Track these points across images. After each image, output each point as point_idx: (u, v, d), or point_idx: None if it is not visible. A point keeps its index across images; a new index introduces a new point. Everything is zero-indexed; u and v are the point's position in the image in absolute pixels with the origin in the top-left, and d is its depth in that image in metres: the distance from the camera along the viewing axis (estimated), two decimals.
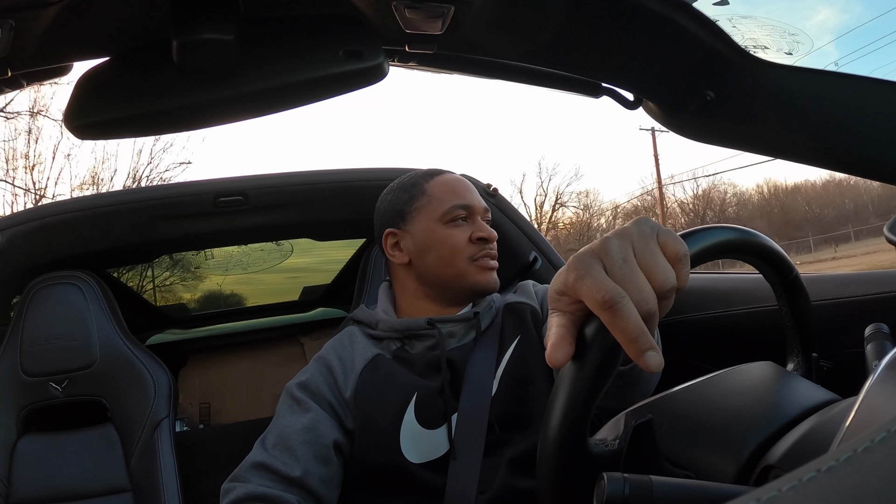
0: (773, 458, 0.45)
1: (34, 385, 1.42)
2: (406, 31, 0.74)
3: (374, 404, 0.97)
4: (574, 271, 0.44)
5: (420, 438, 0.96)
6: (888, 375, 0.37)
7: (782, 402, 0.51)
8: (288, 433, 0.95)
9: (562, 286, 0.46)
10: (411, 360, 1.02)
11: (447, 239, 1.06)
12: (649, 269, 0.44)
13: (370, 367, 1.01)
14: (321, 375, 1.02)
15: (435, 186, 1.10)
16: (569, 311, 0.46)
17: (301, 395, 1.00)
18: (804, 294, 0.62)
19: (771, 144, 0.90)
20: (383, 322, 1.07)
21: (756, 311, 1.22)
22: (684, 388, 0.56)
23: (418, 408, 0.97)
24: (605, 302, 0.42)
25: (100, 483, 1.40)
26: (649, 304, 0.43)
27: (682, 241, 0.47)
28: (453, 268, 1.06)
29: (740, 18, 0.79)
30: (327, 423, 0.97)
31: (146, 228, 1.51)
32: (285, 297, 2.52)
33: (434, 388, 0.98)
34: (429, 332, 1.04)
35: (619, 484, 0.42)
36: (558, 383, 0.46)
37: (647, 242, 0.45)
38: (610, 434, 0.52)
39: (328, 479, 0.95)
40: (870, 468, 0.16)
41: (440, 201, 1.08)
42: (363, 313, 1.13)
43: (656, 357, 0.42)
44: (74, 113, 0.70)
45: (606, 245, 0.45)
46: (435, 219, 1.07)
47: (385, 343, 1.06)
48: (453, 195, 1.09)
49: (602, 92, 0.94)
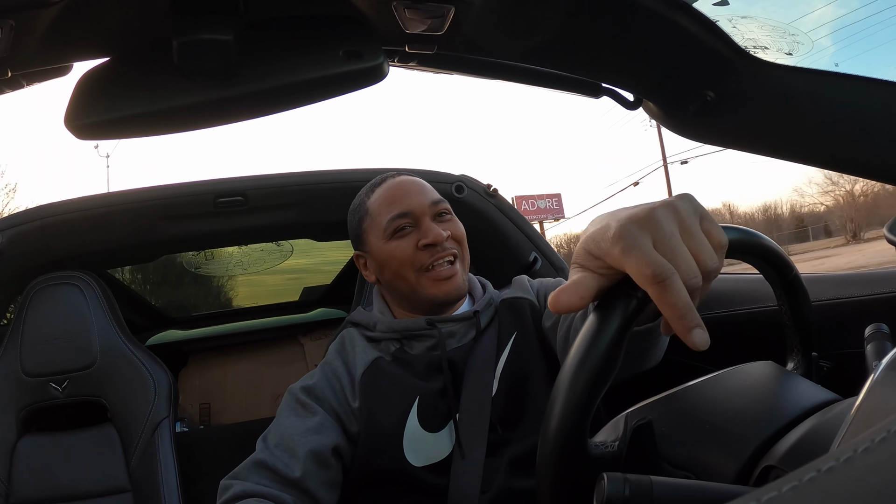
0: (773, 459, 0.45)
1: (34, 385, 1.42)
2: (406, 31, 0.74)
3: (377, 411, 0.96)
4: (620, 241, 0.43)
5: (422, 442, 0.95)
6: (888, 376, 0.37)
7: (782, 403, 0.51)
8: (290, 434, 0.94)
9: (600, 252, 0.45)
10: (411, 362, 1.01)
11: (392, 254, 1.03)
12: (696, 248, 0.44)
13: (371, 371, 1.00)
14: (327, 381, 1.01)
15: (373, 203, 1.07)
16: (598, 272, 0.45)
17: (305, 399, 0.99)
18: (804, 294, 0.62)
19: (771, 144, 0.90)
20: (381, 322, 1.06)
21: (756, 312, 1.22)
22: (684, 388, 0.56)
23: (421, 411, 0.96)
24: (655, 276, 0.41)
25: (100, 483, 1.40)
26: (696, 280, 0.43)
27: (724, 231, 0.47)
28: (406, 281, 1.03)
29: (740, 18, 0.79)
30: (331, 428, 0.96)
31: (146, 229, 1.51)
32: (284, 298, 2.52)
33: (435, 390, 0.97)
34: (428, 332, 1.03)
35: (619, 484, 0.42)
36: (567, 363, 0.46)
37: (694, 222, 0.45)
38: (609, 436, 0.52)
39: (327, 482, 0.94)
40: (870, 468, 0.16)
41: (379, 217, 1.05)
42: (360, 315, 1.12)
43: (703, 334, 0.41)
44: (75, 113, 0.70)
45: (655, 217, 0.44)
46: (379, 237, 1.05)
47: (384, 345, 1.05)
48: (388, 207, 1.05)
49: (602, 92, 0.94)
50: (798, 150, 0.87)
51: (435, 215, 1.05)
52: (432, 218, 1.04)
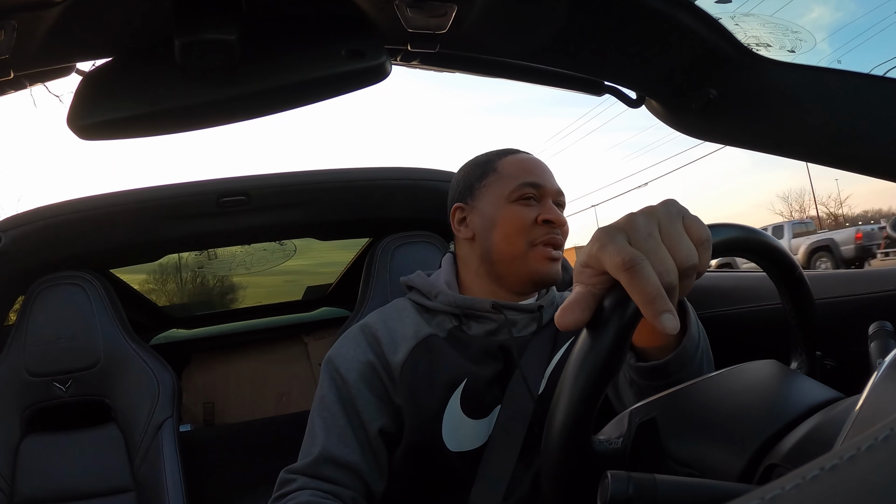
0: (776, 457, 0.45)
1: (38, 385, 1.43)
2: (408, 30, 0.74)
3: (421, 383, 0.95)
4: (598, 241, 0.46)
5: (461, 426, 0.94)
6: (892, 374, 0.37)
7: (786, 401, 0.51)
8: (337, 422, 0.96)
9: (585, 257, 0.47)
10: (467, 342, 1.00)
11: (512, 216, 1.02)
12: (673, 244, 0.45)
13: (423, 346, 0.99)
14: (369, 346, 1.00)
15: (507, 164, 1.07)
16: (591, 283, 0.47)
17: (346, 377, 0.99)
18: (808, 293, 0.62)
19: (774, 142, 0.90)
20: (444, 295, 1.04)
21: (759, 310, 1.22)
22: (687, 385, 0.56)
23: (465, 395, 0.95)
24: (624, 263, 0.43)
25: (103, 483, 1.40)
26: (671, 277, 0.44)
27: (706, 227, 0.48)
28: (514, 247, 1.01)
29: (742, 16, 0.78)
30: (373, 407, 0.97)
31: (149, 228, 1.52)
32: (286, 298, 2.52)
33: (484, 377, 0.96)
34: (491, 315, 1.01)
35: (623, 483, 0.42)
36: (571, 359, 0.46)
37: (673, 221, 0.47)
38: (614, 432, 0.52)
39: (379, 470, 0.96)
40: (873, 466, 0.16)
41: (510, 178, 1.05)
42: (420, 280, 1.09)
43: (672, 319, 0.42)
44: (77, 113, 0.70)
45: (632, 220, 0.46)
46: (503, 196, 1.04)
47: (440, 319, 1.03)
48: (524, 173, 1.05)
49: (605, 90, 0.93)
50: (801, 147, 0.87)
51: (556, 202, 1.06)
52: (554, 202, 1.05)
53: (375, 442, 0.96)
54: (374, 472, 0.96)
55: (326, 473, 0.93)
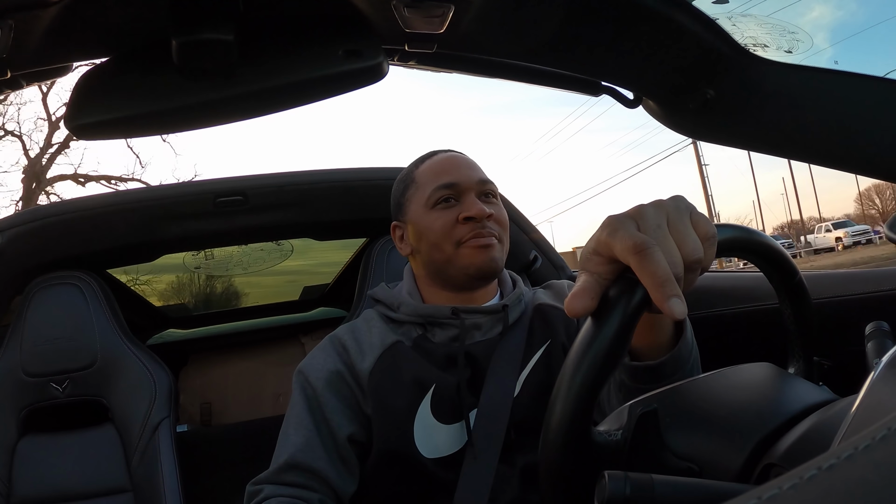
0: (774, 457, 0.45)
1: (35, 385, 1.43)
2: (406, 30, 0.74)
3: (389, 390, 0.95)
4: (608, 227, 0.46)
5: (434, 432, 0.94)
6: (889, 373, 0.37)
7: (783, 400, 0.51)
8: (307, 430, 0.96)
9: (595, 244, 0.47)
10: (432, 350, 1.00)
11: (433, 223, 1.01)
12: (681, 238, 0.46)
13: (389, 353, 0.99)
14: (338, 356, 1.01)
15: (421, 172, 1.06)
16: (598, 271, 0.47)
17: (315, 386, 0.99)
18: (807, 298, 0.62)
19: (771, 142, 0.90)
20: (406, 305, 1.04)
21: (756, 310, 1.22)
22: (686, 383, 0.56)
23: (435, 400, 0.95)
24: (635, 246, 0.44)
25: (100, 483, 1.40)
26: (677, 268, 0.45)
27: (713, 225, 0.49)
28: (443, 253, 1.01)
29: (740, 16, 0.79)
30: (342, 415, 0.97)
31: (146, 228, 1.51)
32: (285, 298, 2.52)
33: (452, 383, 0.96)
34: (452, 321, 1.01)
35: (620, 482, 0.41)
36: (574, 348, 0.46)
37: (681, 216, 0.48)
38: (613, 424, 0.52)
39: (348, 475, 0.96)
40: (871, 466, 0.16)
41: (424, 185, 1.04)
42: (384, 292, 1.09)
43: (680, 304, 0.43)
44: (74, 113, 0.70)
45: (642, 210, 0.48)
46: (422, 205, 1.03)
47: (406, 329, 1.03)
48: (436, 176, 1.03)
49: (602, 90, 0.93)
50: (797, 147, 0.87)
51: (481, 194, 1.03)
52: (477, 195, 1.02)
53: (344, 449, 0.96)
54: (343, 477, 0.96)
55: (291, 479, 0.94)
